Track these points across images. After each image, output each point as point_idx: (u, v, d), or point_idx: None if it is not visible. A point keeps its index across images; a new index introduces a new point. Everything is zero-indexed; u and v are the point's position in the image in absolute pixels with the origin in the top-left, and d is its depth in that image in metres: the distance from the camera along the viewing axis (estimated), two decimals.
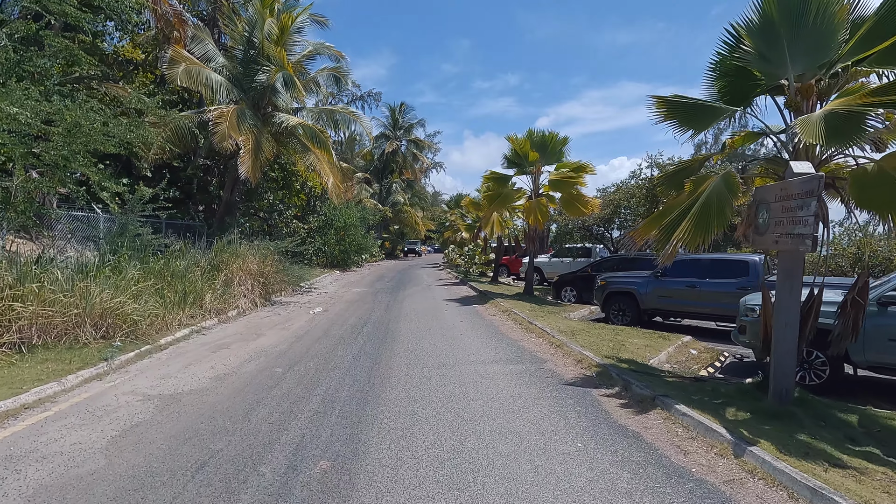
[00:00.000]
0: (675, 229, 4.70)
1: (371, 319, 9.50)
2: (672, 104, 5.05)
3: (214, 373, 5.60)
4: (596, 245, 17.92)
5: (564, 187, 11.80)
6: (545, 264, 19.03)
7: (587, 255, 17.92)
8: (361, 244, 27.02)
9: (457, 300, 12.65)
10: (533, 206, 11.75)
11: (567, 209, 11.88)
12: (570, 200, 11.76)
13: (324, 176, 14.69)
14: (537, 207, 11.67)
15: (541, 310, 10.59)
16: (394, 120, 42.05)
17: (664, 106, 5.07)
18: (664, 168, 13.61)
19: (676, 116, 5.08)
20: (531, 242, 12.21)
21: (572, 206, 11.71)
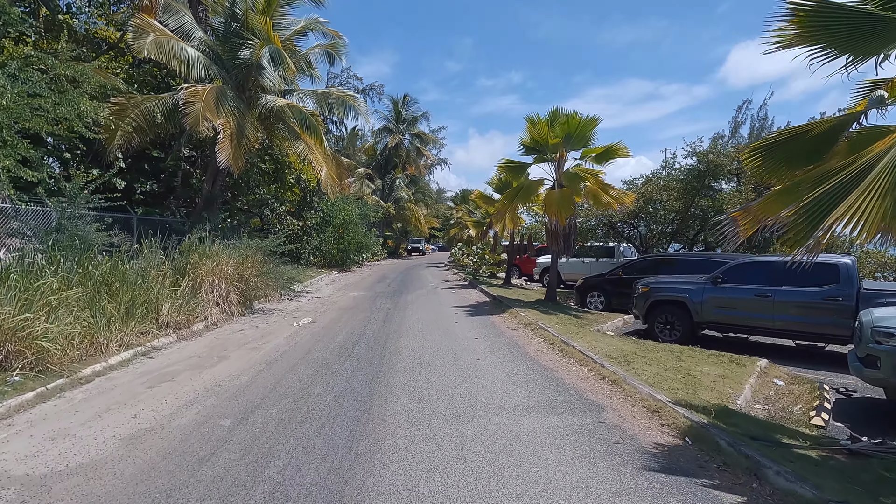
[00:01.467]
0: (829, 207, 2.96)
1: (366, 335, 7.80)
2: (819, 14, 3.21)
3: (133, 428, 3.91)
4: (620, 243, 16.15)
5: (592, 176, 10.04)
6: (562, 265, 17.23)
7: (609, 254, 16.14)
8: (362, 242, 25.34)
9: (468, 308, 10.93)
10: (555, 198, 10.00)
11: (595, 202, 10.13)
12: (598, 191, 10.00)
13: (316, 166, 13.00)
14: (560, 199, 9.93)
15: (569, 322, 8.86)
16: (396, 113, 40.32)
17: (803, 18, 3.25)
18: (705, 156, 11.87)
19: (824, 35, 3.29)
20: (553, 241, 10.47)
21: (601, 199, 9.96)
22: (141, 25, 10.85)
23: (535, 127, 10.37)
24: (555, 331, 7.42)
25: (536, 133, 10.29)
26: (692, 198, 12.39)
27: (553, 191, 10.29)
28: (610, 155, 10.28)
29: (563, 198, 9.96)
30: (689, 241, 13.82)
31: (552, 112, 10.20)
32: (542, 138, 10.26)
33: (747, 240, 12.50)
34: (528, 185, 10.65)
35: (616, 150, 10.22)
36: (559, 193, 10.08)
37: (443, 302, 12.01)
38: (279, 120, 13.50)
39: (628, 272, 11.38)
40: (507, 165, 11.24)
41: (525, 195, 10.53)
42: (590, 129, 10.23)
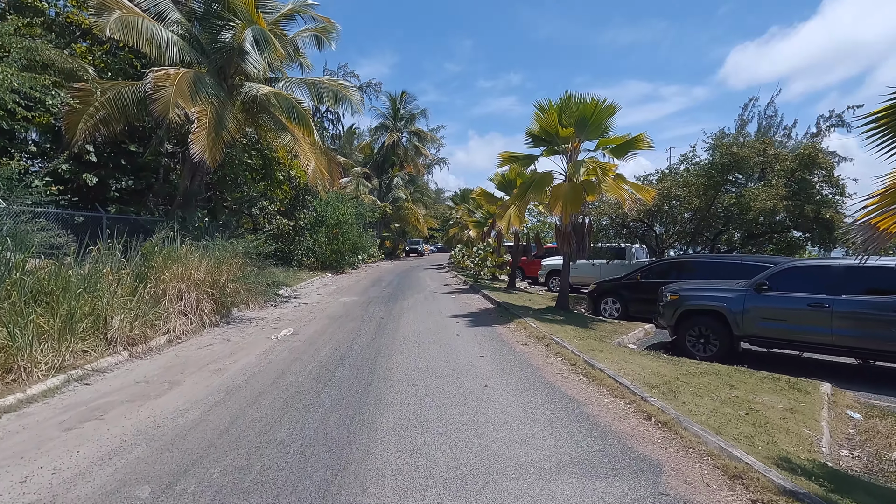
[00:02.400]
0: None
1: (353, 351, 6.69)
2: None
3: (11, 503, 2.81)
4: (631, 244, 15.06)
5: (609, 169, 8.94)
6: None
7: (621, 256, 15.06)
8: (357, 243, 24.24)
9: (469, 317, 9.83)
10: (562, 193, 8.89)
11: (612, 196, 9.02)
12: (616, 187, 8.91)
13: (303, 159, 11.89)
14: (568, 194, 8.82)
15: (587, 334, 7.76)
16: (394, 110, 39.24)
17: None
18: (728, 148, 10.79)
19: None
20: (565, 241, 9.37)
21: (620, 195, 8.85)
22: (104, 1, 9.74)
23: (544, 114, 9.27)
24: (574, 347, 6.31)
25: (546, 121, 9.19)
26: (714, 194, 11.31)
27: (561, 184, 9.19)
28: (629, 146, 9.19)
29: (572, 192, 8.86)
30: (710, 242, 12.73)
31: (564, 97, 9.11)
32: (553, 127, 9.16)
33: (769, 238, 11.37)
34: (540, 179, 9.54)
35: (637, 141, 9.12)
36: (568, 187, 8.98)
37: (442, 309, 10.90)
38: (264, 110, 12.40)
39: (648, 276, 10.30)
40: (513, 157, 10.14)
41: (538, 189, 9.42)
42: (606, 117, 9.13)
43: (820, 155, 10.13)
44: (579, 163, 8.99)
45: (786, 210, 10.10)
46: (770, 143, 11.37)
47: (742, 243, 11.61)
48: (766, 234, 11.27)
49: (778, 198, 9.96)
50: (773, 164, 10.73)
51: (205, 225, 11.15)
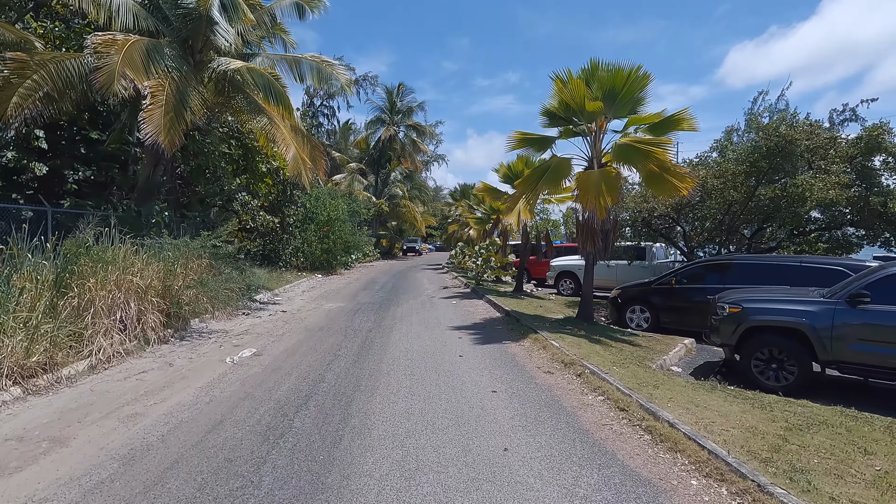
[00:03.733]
0: None
1: (325, 382, 5.13)
2: None
3: None
4: (652, 243, 13.52)
5: (642, 152, 7.35)
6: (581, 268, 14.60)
7: (641, 256, 13.52)
8: (350, 242, 22.67)
9: (474, 330, 8.27)
10: (593, 181, 7.32)
11: (651, 186, 7.45)
12: (653, 173, 7.33)
13: (281, 145, 10.29)
14: (601, 183, 7.25)
15: (622, 355, 6.22)
16: (391, 103, 37.58)
17: None
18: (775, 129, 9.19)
19: None
20: (588, 239, 7.81)
21: (659, 183, 7.28)
22: None
23: (565, 87, 7.67)
24: (617, 380, 4.74)
25: (568, 94, 7.60)
26: (756, 184, 9.74)
27: (590, 171, 7.60)
28: (669, 126, 7.60)
29: (605, 180, 7.28)
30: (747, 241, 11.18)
31: (590, 65, 7.51)
32: (576, 101, 7.57)
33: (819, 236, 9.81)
34: (556, 165, 7.95)
35: (678, 119, 7.53)
36: (599, 174, 7.40)
37: (441, 319, 9.33)
38: (238, 89, 10.79)
39: (683, 280, 8.75)
40: (527, 138, 8.56)
41: (553, 177, 7.83)
42: (640, 89, 7.56)
43: (886, 138, 8.61)
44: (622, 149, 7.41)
45: (848, 202, 8.57)
46: (818, 125, 9.81)
47: (788, 241, 10.07)
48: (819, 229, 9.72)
49: (839, 187, 8.42)
50: (828, 148, 9.18)
51: (164, 220, 9.54)
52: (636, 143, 7.33)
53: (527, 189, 8.17)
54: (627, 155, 7.48)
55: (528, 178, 8.33)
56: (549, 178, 7.83)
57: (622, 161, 7.59)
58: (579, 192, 7.41)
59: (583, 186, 7.35)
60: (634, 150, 7.31)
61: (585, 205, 7.25)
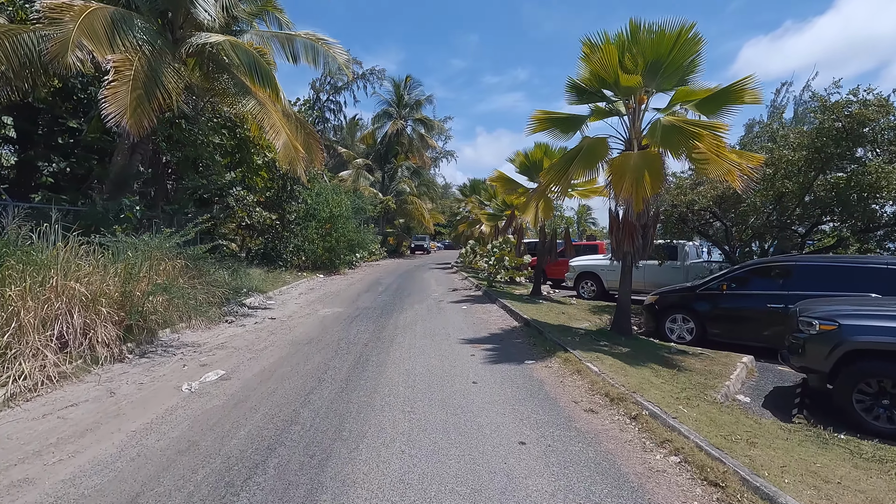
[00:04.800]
0: None
1: (297, 424, 3.91)
2: None
3: None
4: (685, 242, 12.14)
5: (691, 136, 5.99)
6: (605, 269, 13.30)
7: (673, 255, 12.15)
8: (354, 240, 21.51)
9: (489, 344, 7.02)
10: (630, 166, 5.99)
11: (703, 170, 6.10)
12: (706, 156, 5.98)
13: (270, 131, 9.11)
14: (641, 167, 5.93)
15: (674, 380, 4.93)
16: (398, 96, 36.37)
17: None
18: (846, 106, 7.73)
19: None
20: (626, 235, 6.49)
21: (717, 167, 5.94)
22: None
23: (596, 56, 6.34)
24: (694, 431, 3.44)
25: (600, 64, 6.27)
26: (817, 173, 8.34)
27: (626, 154, 6.27)
28: (726, 99, 6.23)
29: (646, 164, 5.96)
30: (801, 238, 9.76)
31: (629, 27, 6.17)
32: (610, 72, 6.25)
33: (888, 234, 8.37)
34: (591, 146, 6.61)
35: (737, 91, 6.14)
36: (639, 157, 6.07)
37: (450, 328, 8.09)
38: (222, 69, 9.63)
39: (736, 284, 7.41)
40: (550, 119, 7.24)
41: (587, 161, 6.49)
42: (690, 55, 6.21)
43: None
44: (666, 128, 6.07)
45: None
46: (889, 105, 8.37)
47: (853, 239, 8.64)
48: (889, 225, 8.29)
49: None
50: None
51: (135, 216, 8.41)
52: (684, 125, 5.95)
53: (554, 177, 6.84)
54: (671, 137, 6.10)
55: (556, 164, 6.99)
56: (583, 162, 6.48)
57: (665, 144, 6.24)
58: (613, 179, 6.09)
59: (618, 171, 6.02)
60: (680, 132, 5.94)
61: (620, 194, 5.94)
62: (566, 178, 6.59)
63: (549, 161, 10.80)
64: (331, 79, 44.39)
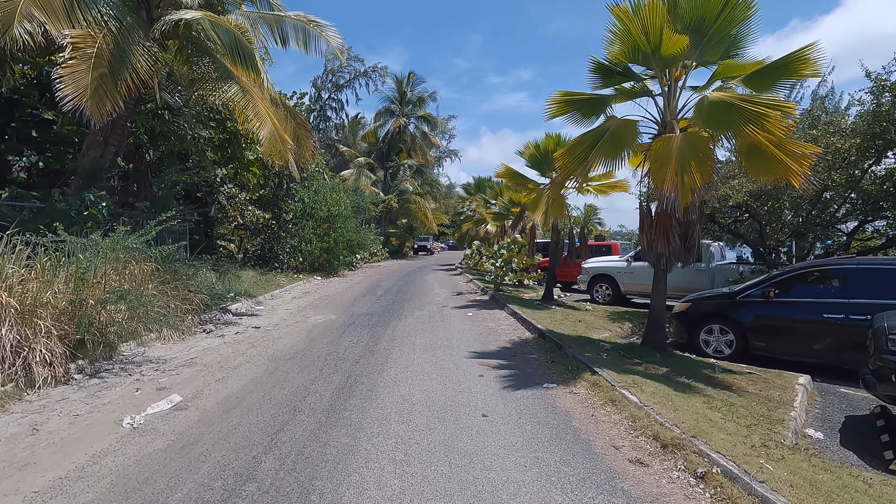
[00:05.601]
0: None
1: (254, 481, 2.97)
2: None
3: None
4: (710, 242, 11.12)
5: (747, 115, 4.95)
6: (622, 271, 12.31)
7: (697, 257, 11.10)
8: (354, 240, 20.58)
9: (500, 362, 6.07)
10: (673, 151, 5.00)
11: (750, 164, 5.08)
12: (758, 147, 4.98)
13: (254, 119, 8.20)
14: (689, 153, 4.95)
15: (731, 411, 3.97)
16: (401, 93, 35.46)
17: None
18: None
19: None
20: (660, 235, 5.54)
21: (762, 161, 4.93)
22: None
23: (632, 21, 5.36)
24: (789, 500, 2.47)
25: (641, 28, 5.28)
26: (872, 163, 7.34)
27: (668, 136, 5.29)
28: (782, 73, 5.21)
29: (694, 148, 4.97)
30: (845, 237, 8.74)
31: None
32: (650, 39, 5.23)
33: None
34: (617, 129, 5.60)
35: (796, 63, 5.10)
36: (684, 141, 5.09)
37: (454, 340, 7.14)
38: (202, 51, 8.72)
39: (785, 290, 6.42)
40: (571, 101, 6.26)
41: (612, 146, 5.48)
42: (739, 22, 5.24)
43: None
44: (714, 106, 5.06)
45: None
46: None
47: None
48: None
49: None
50: None
51: (101, 213, 7.51)
52: (740, 102, 4.94)
53: (572, 165, 5.86)
54: (721, 117, 5.10)
55: (574, 148, 5.99)
56: (606, 148, 5.50)
57: (713, 126, 5.24)
58: (652, 168, 5.12)
59: (659, 158, 5.05)
60: (734, 111, 4.92)
61: (662, 185, 4.95)
62: (585, 167, 5.61)
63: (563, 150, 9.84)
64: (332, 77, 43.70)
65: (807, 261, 7.74)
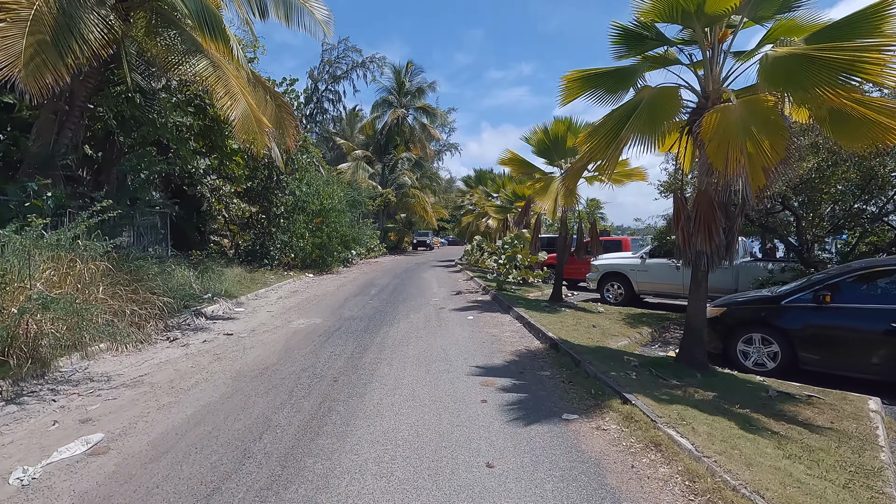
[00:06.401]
0: None
1: None
2: None
3: None
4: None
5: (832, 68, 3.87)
6: (635, 269, 11.33)
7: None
8: (348, 236, 19.62)
9: (507, 381, 5.12)
10: (734, 123, 3.97)
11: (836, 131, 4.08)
12: (842, 109, 3.94)
13: (224, 97, 7.20)
14: (756, 123, 3.91)
15: (808, 453, 3.00)
16: (399, 84, 34.34)
17: None
18: None
19: None
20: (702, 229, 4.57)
21: (850, 124, 3.96)
22: None
23: None
24: None
25: None
26: None
27: (723, 108, 4.24)
28: (856, 32, 4.26)
29: (760, 118, 3.94)
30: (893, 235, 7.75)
31: None
32: None
33: None
34: (653, 99, 4.52)
35: (872, 20, 4.13)
36: (744, 108, 4.02)
37: (452, 351, 6.18)
38: (168, 22, 7.70)
39: (845, 293, 5.44)
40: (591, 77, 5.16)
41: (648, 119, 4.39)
42: None
43: None
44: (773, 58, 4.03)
45: None
46: None
47: None
48: None
49: None
50: None
51: (47, 205, 6.53)
52: (817, 52, 3.87)
53: (598, 147, 4.84)
54: (795, 75, 3.99)
55: (601, 127, 4.92)
56: (642, 122, 4.47)
57: (783, 86, 4.13)
58: (709, 146, 4.09)
59: (716, 134, 4.02)
60: (813, 66, 3.87)
61: (725, 168, 3.94)
62: (616, 148, 4.60)
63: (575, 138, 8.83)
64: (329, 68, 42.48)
65: (867, 259, 6.75)
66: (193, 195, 13.90)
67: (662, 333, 8.14)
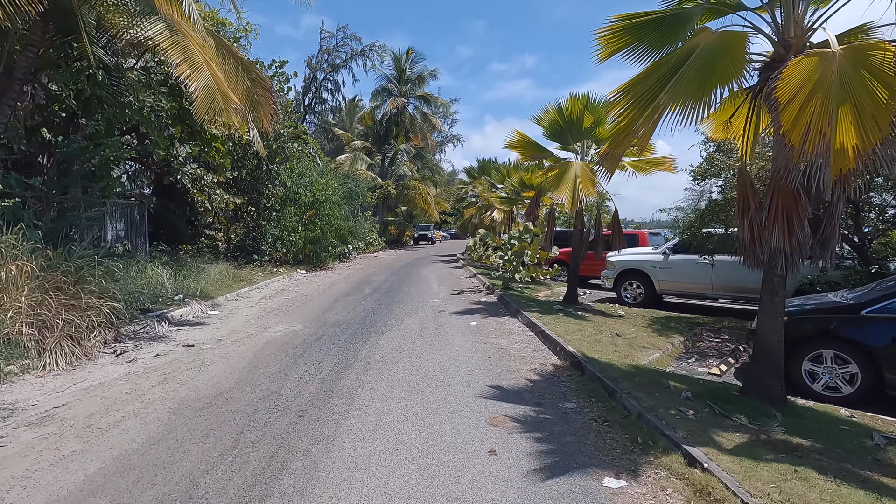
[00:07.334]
0: None
1: None
2: None
3: None
4: None
5: None
6: (656, 266, 10.17)
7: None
8: (344, 229, 18.48)
9: (520, 413, 4.03)
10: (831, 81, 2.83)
11: None
12: None
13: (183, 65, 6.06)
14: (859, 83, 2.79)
15: None
16: (399, 72, 33.05)
17: None
18: None
19: None
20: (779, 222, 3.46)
21: None
22: None
23: None
24: None
25: None
26: None
27: (821, 52, 3.08)
28: None
29: (864, 75, 2.84)
30: None
31: None
32: None
33: None
34: (711, 47, 3.23)
35: None
36: (846, 61, 2.94)
37: (451, 372, 5.08)
38: None
39: None
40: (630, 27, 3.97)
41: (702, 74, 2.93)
42: None
43: None
44: None
45: None
46: None
47: None
48: None
49: None
50: None
51: None
52: None
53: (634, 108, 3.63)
54: None
55: (640, 84, 3.71)
56: (689, 82, 3.24)
57: None
58: (784, 114, 2.96)
59: (801, 92, 2.91)
60: None
61: (803, 143, 2.83)
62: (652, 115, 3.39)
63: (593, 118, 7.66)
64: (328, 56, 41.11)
65: None
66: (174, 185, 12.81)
67: (696, 343, 7.02)
